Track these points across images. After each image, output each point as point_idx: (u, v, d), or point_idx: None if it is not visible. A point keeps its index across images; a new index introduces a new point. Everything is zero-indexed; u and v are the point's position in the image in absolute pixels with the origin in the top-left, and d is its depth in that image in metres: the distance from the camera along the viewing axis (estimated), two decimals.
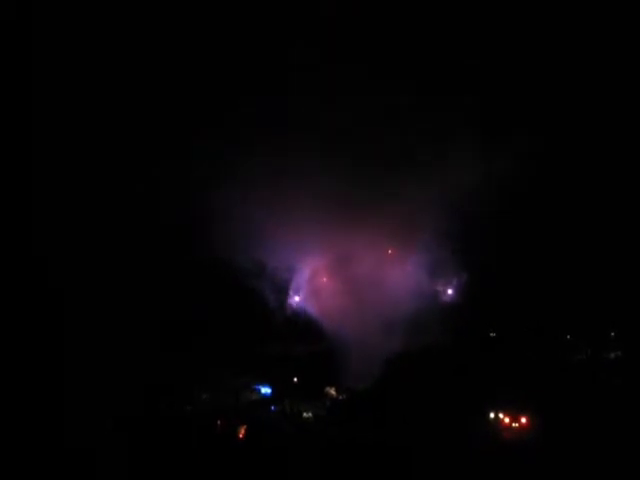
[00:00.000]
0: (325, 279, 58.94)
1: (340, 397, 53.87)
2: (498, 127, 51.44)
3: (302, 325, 57.29)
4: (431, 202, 53.80)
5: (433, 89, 50.87)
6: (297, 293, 58.15)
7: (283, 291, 57.93)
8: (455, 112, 50.63)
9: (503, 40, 50.60)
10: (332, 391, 54.56)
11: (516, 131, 51.11)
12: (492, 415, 46.96)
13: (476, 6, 50.33)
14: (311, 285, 58.79)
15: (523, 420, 46.07)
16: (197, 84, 50.50)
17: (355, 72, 50.30)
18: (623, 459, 37.85)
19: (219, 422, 49.53)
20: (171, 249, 52.95)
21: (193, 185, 50.77)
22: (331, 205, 53.60)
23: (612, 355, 51.70)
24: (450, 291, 58.14)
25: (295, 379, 55.19)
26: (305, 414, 51.46)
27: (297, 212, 53.57)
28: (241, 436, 48.12)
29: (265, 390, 54.18)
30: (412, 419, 46.39)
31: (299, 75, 49.95)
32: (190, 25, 49.43)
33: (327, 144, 51.85)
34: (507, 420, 46.52)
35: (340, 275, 58.33)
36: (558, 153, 52.55)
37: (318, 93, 50.31)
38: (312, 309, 57.74)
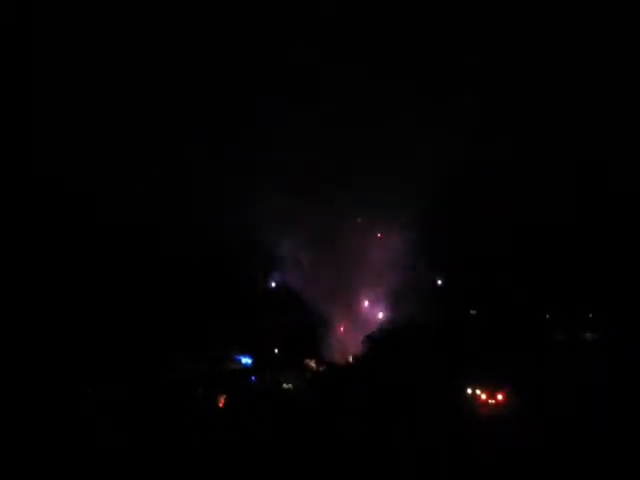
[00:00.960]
0: (307, 253, 59.06)
1: (320, 369, 54.23)
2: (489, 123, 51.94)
3: (284, 298, 57.51)
4: (415, 182, 54.10)
5: (425, 85, 51.15)
6: (280, 266, 58.24)
7: (266, 264, 58.03)
8: (448, 107, 51.01)
9: (500, 41, 50.78)
10: (312, 363, 54.93)
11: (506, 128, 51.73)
12: (469, 391, 47.48)
13: (475, 7, 50.33)
14: (294, 258, 58.86)
15: (500, 397, 46.64)
16: (197, 84, 50.27)
17: (354, 71, 50.41)
18: (598, 435, 38.56)
19: (199, 390, 49.64)
20: (158, 224, 53.11)
21: (182, 169, 50.92)
22: (317, 182, 53.81)
23: (589, 336, 52.50)
24: (432, 268, 58.50)
25: (276, 350, 55.50)
26: (285, 385, 51.73)
27: (282, 186, 53.67)
28: (221, 405, 48.34)
29: (246, 360, 54.43)
30: (390, 394, 46.72)
31: (299, 75, 49.86)
32: (190, 26, 49.06)
33: (320, 129, 52.12)
34: (484, 396, 47.07)
35: (322, 249, 58.45)
36: (543, 149, 53.18)
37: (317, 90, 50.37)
38: (294, 282, 57.89)
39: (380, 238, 59.39)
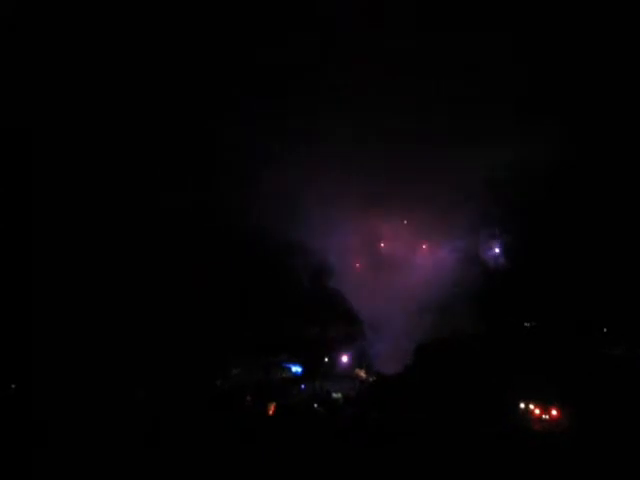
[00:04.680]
0: (359, 262, 58.90)
1: (370, 379, 53.95)
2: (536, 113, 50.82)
3: (335, 307, 57.42)
4: (469, 186, 53.35)
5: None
6: (331, 275, 58.20)
7: (318, 273, 58.09)
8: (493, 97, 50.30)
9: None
10: (362, 373, 54.70)
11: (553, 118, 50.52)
12: (522, 406, 46.46)
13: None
14: (345, 268, 58.76)
15: (554, 412, 45.50)
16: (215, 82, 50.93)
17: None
18: None
19: (249, 397, 50.00)
20: (210, 232, 53.72)
21: (232, 170, 51.38)
22: (366, 187, 53.63)
23: None
24: (485, 279, 57.49)
25: (326, 359, 55.43)
26: (334, 394, 51.58)
27: (333, 195, 53.77)
28: (271, 413, 48.53)
29: (296, 369, 54.52)
30: (440, 406, 46.09)
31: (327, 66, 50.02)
32: (192, 27, 49.58)
33: (362, 130, 52.02)
34: (537, 411, 46.01)
35: (373, 258, 58.21)
36: (605, 142, 51.62)
37: (351, 80, 50.37)
38: (346, 291, 57.74)
39: (427, 248, 58.70)
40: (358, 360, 55.09)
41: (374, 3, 49.64)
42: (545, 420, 45.46)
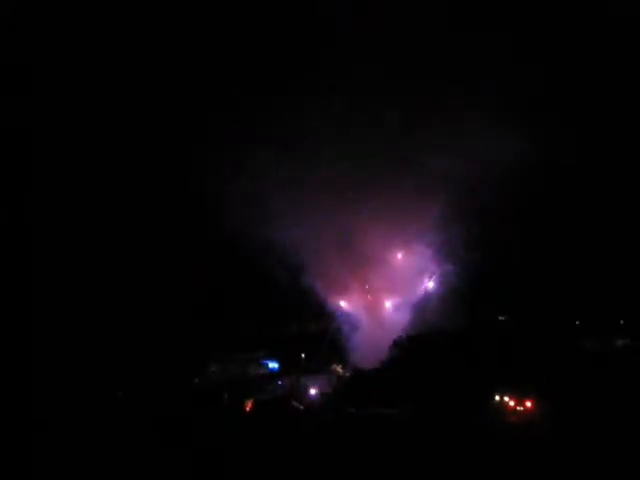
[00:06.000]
0: (334, 258, 58.95)
1: (347, 374, 54.13)
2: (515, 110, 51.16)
3: (312, 303, 57.47)
4: (442, 179, 53.65)
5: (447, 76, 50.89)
6: (308, 272, 58.19)
7: (294, 269, 58.03)
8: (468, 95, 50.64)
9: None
10: (339, 369, 54.87)
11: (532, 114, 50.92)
12: (497, 398, 46.93)
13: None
14: (320, 264, 58.76)
15: (528, 404, 46.00)
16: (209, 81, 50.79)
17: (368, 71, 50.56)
18: (629, 446, 37.71)
19: (226, 395, 49.90)
20: (185, 228, 53.50)
21: (207, 168, 51.27)
22: (340, 182, 53.75)
23: (620, 343, 51.57)
24: (460, 273, 57.92)
25: (303, 355, 55.52)
26: (312, 390, 51.69)
27: (307, 191, 53.79)
28: (248, 409, 48.50)
29: (273, 365, 54.59)
30: (417, 400, 46.43)
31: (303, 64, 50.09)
32: (190, 26, 49.50)
33: (339, 123, 52.11)
34: (512, 403, 46.48)
35: (348, 254, 58.30)
36: (575, 138, 52.18)
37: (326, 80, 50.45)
38: (322, 288, 57.80)
39: (402, 243, 58.95)
40: (335, 356, 55.20)
41: (374, 3, 49.71)
42: (520, 412, 45.96)
